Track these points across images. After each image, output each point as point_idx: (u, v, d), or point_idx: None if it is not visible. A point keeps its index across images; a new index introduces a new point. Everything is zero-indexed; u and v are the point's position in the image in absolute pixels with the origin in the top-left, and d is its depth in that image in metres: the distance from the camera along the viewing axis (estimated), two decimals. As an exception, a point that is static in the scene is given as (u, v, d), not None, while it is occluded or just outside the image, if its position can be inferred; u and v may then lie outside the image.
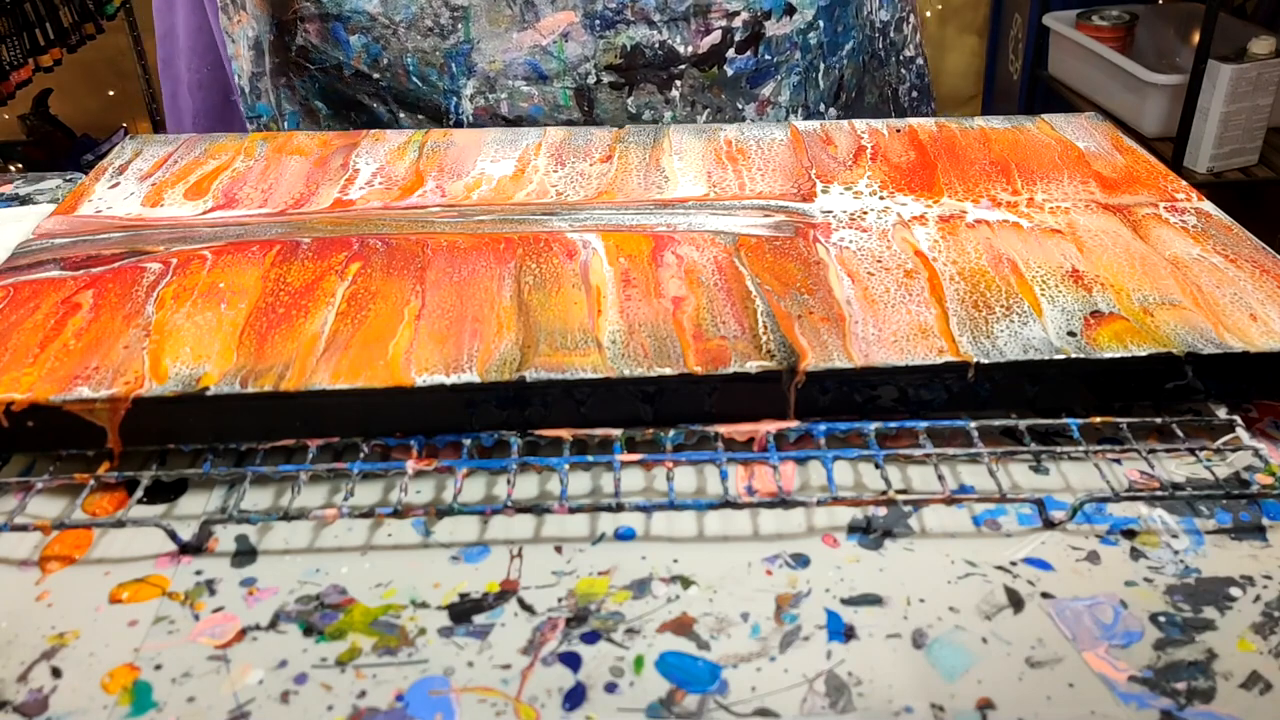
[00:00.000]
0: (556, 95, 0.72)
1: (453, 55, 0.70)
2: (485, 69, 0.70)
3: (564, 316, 0.48)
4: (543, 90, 0.71)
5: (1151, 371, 0.46)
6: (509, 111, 0.72)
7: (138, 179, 0.62)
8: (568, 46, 0.69)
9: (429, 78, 0.71)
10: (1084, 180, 0.62)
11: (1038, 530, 0.42)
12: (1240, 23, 1.87)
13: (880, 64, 0.84)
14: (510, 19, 0.69)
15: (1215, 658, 0.37)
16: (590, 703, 0.35)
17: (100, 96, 2.57)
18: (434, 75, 0.71)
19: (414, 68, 0.70)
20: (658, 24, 0.70)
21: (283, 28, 0.73)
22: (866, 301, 0.49)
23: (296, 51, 0.74)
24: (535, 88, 0.71)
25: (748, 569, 0.41)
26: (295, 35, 0.73)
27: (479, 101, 0.72)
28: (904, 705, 0.35)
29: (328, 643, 0.37)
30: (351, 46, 0.71)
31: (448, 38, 0.69)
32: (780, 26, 0.73)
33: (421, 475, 0.45)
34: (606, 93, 0.72)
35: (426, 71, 0.70)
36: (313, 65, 0.74)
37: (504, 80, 0.71)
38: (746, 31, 0.72)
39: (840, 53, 0.78)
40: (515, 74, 0.70)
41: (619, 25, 0.69)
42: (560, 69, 0.70)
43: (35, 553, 0.42)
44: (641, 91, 0.72)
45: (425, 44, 0.70)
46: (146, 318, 0.48)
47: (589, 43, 0.70)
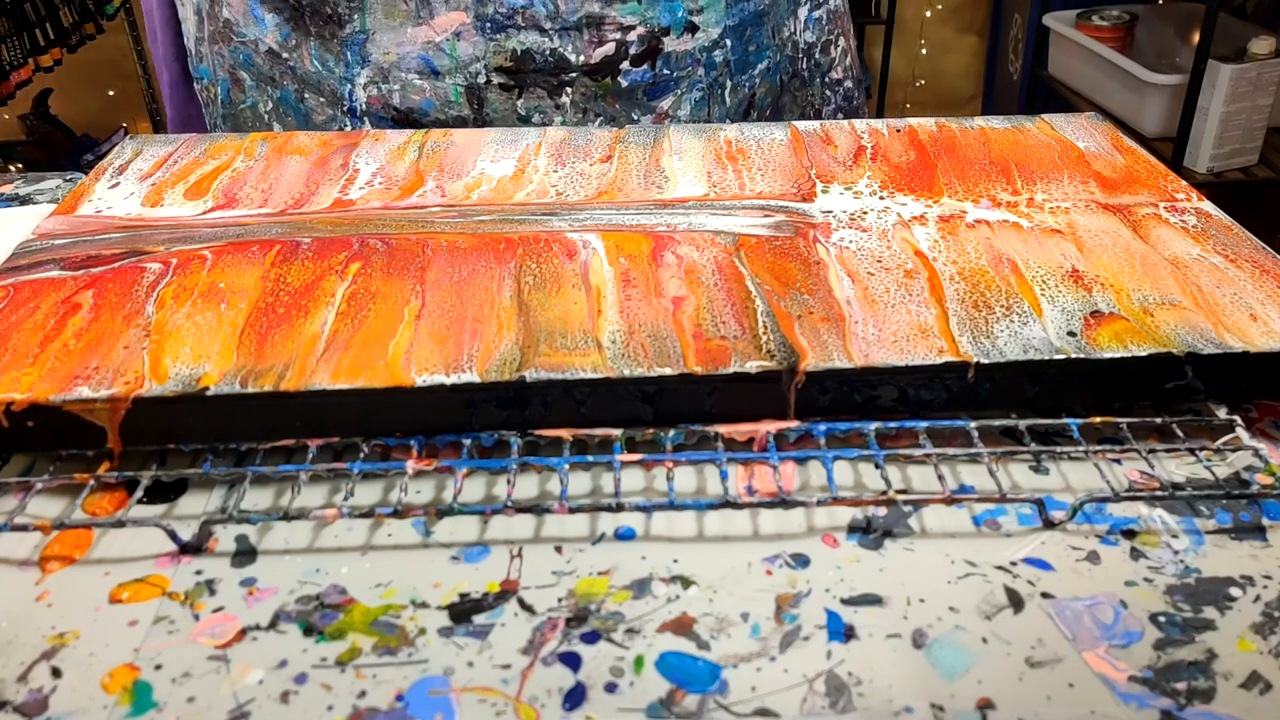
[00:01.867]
0: (448, 91, 0.73)
1: (348, 43, 0.71)
2: (380, 59, 0.71)
3: (564, 316, 0.48)
4: (434, 85, 0.72)
5: (1151, 371, 0.46)
6: (400, 103, 0.74)
7: (138, 179, 0.62)
8: (460, 45, 0.70)
9: (328, 63, 0.73)
10: (1084, 180, 0.62)
11: (1038, 530, 0.42)
12: (1240, 23, 1.87)
13: (803, 84, 0.85)
14: (406, 14, 0.70)
15: (1215, 658, 0.37)
16: (590, 703, 0.35)
17: (100, 96, 2.57)
18: (332, 61, 0.73)
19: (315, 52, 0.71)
20: (549, 31, 0.71)
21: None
22: (866, 301, 0.49)
23: (223, 22, 0.76)
24: (427, 82, 0.72)
25: (748, 569, 0.41)
26: (222, 6, 0.76)
27: (371, 90, 0.73)
28: (904, 705, 0.35)
29: (328, 643, 0.37)
30: (266, 24, 0.73)
31: (344, 26, 0.71)
32: (681, 43, 0.74)
33: (421, 475, 0.45)
34: (496, 93, 0.73)
35: (325, 57, 0.72)
36: (236, 37, 0.76)
37: (397, 72, 0.72)
38: (642, 45, 0.73)
39: (751, 72, 0.79)
40: (409, 67, 0.71)
41: (509, 29, 0.71)
42: (452, 66, 0.71)
43: (35, 553, 0.42)
44: (531, 95, 0.73)
45: (325, 30, 0.71)
46: (146, 318, 0.48)
47: (480, 43, 0.71)
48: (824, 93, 0.87)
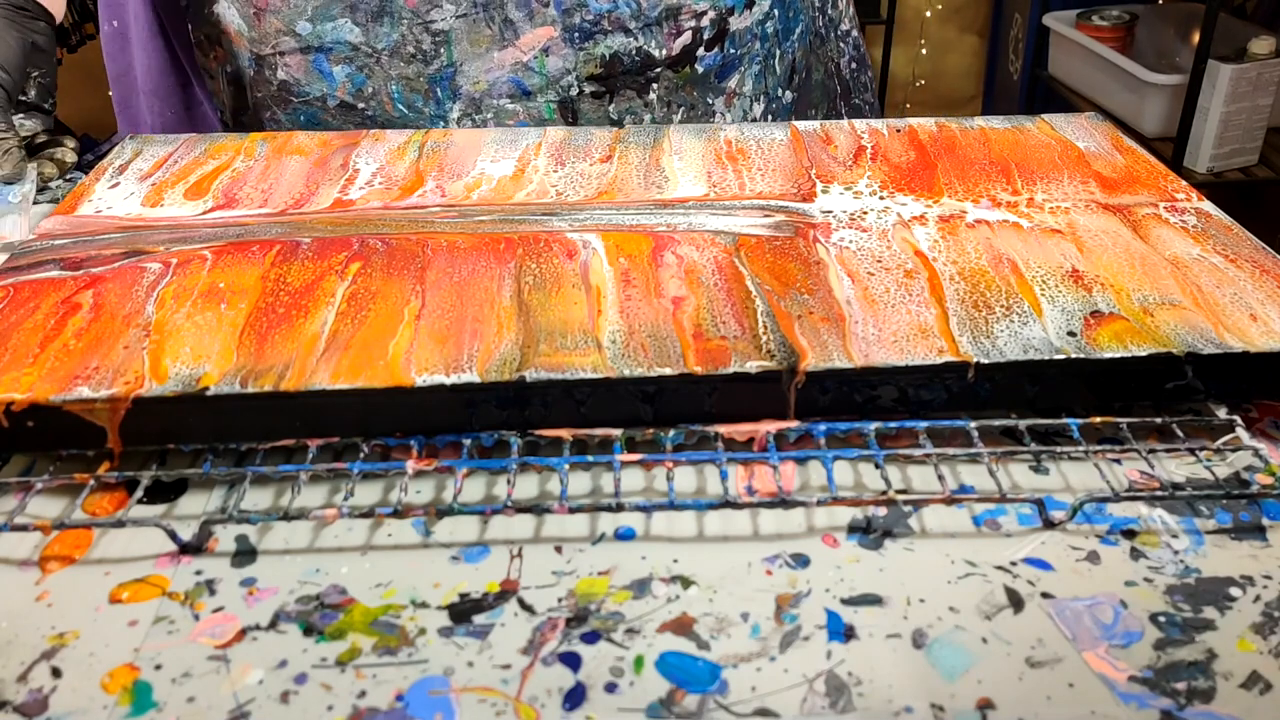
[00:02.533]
0: (541, 109, 0.72)
1: (437, 80, 0.70)
2: (470, 90, 0.70)
3: (564, 316, 0.48)
4: (527, 106, 0.72)
5: (1151, 371, 0.46)
6: None
7: (138, 179, 0.62)
8: (549, 61, 0.70)
9: (415, 104, 0.72)
10: (1084, 180, 0.62)
11: (1038, 530, 0.42)
12: (1240, 23, 1.87)
13: (822, 41, 0.86)
14: (490, 38, 0.70)
15: (1215, 658, 0.37)
16: (590, 703, 0.35)
17: (100, 96, 2.57)
18: (419, 101, 0.72)
19: (399, 95, 0.70)
20: (633, 31, 0.71)
21: (262, 62, 0.73)
22: (866, 301, 0.49)
23: (279, 86, 0.74)
24: (520, 104, 0.72)
25: (748, 569, 0.41)
26: (276, 70, 0.73)
27: (466, 124, 0.73)
28: (904, 705, 0.35)
29: (328, 643, 0.37)
30: (335, 78, 0.72)
31: (431, 63, 0.70)
32: (742, 20, 0.74)
33: (421, 475, 0.45)
34: (589, 102, 0.73)
35: (412, 98, 0.71)
36: (296, 99, 0.74)
37: (489, 100, 0.71)
38: (714, 29, 0.73)
39: (792, 37, 0.80)
40: (500, 93, 0.71)
41: (597, 35, 0.70)
42: (543, 83, 0.70)
43: (35, 553, 0.42)
44: (621, 98, 0.73)
45: (409, 71, 0.70)
46: (146, 318, 0.48)
47: (569, 55, 0.71)
48: (839, 45, 0.88)
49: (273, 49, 0.72)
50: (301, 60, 0.72)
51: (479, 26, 0.69)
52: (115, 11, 0.84)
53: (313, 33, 0.70)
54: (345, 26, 0.69)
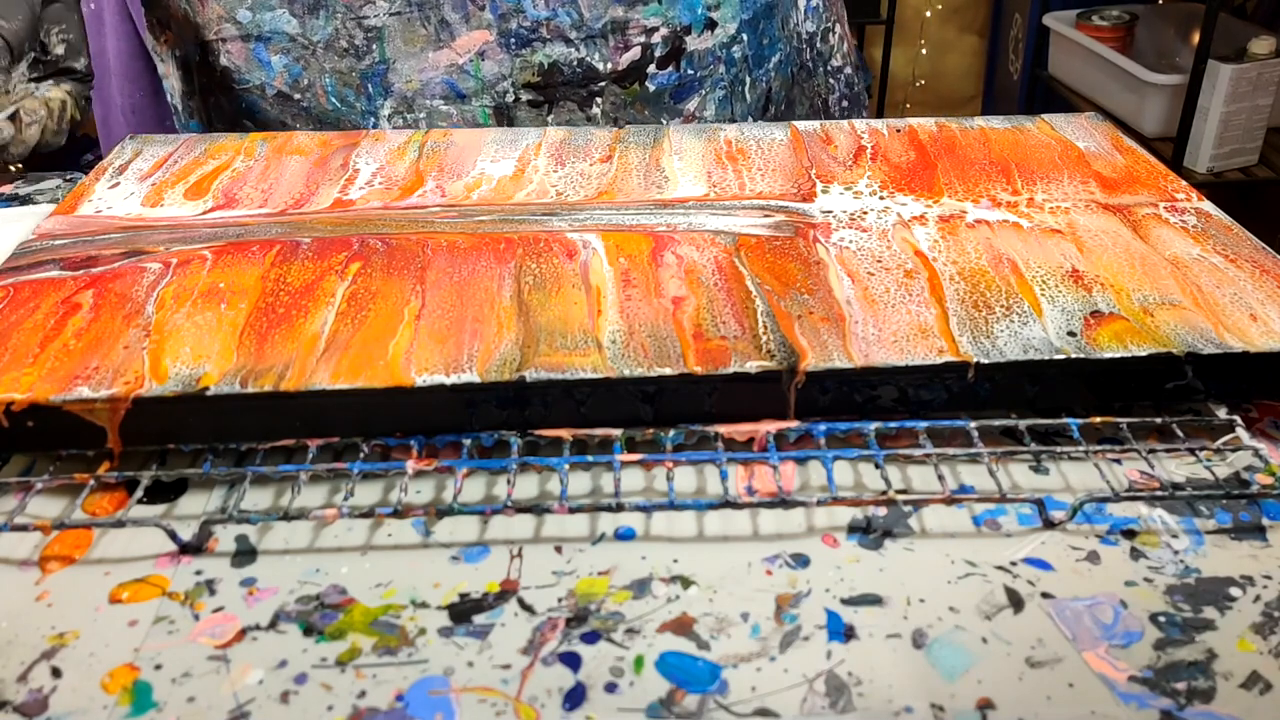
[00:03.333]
0: (476, 114, 0.72)
1: (369, 76, 0.70)
2: (402, 89, 0.70)
3: (564, 316, 0.48)
4: (461, 109, 0.71)
5: (1151, 371, 0.46)
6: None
7: (138, 179, 0.62)
8: (484, 65, 0.69)
9: (347, 98, 0.71)
10: (1084, 180, 0.62)
11: (1038, 530, 0.42)
12: (1240, 23, 1.87)
13: (809, 75, 0.85)
14: (425, 38, 0.69)
15: (1215, 658, 0.37)
16: (590, 703, 0.35)
17: (100, 96, 2.57)
18: (351, 96, 0.71)
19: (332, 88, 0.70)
20: (574, 41, 0.70)
21: (206, 48, 0.74)
22: (866, 301, 0.49)
23: (221, 72, 0.74)
24: (454, 107, 0.71)
25: (748, 569, 0.41)
26: (219, 56, 0.73)
27: (397, 121, 0.72)
28: (904, 705, 0.35)
29: (328, 643, 0.37)
30: (273, 67, 0.72)
31: (363, 58, 0.69)
32: (701, 41, 0.73)
33: (421, 475, 0.45)
34: (526, 111, 0.72)
35: (344, 92, 0.71)
36: (237, 85, 0.74)
37: (421, 100, 0.71)
38: (666, 47, 0.72)
39: (767, 65, 0.79)
40: (433, 93, 0.70)
41: (535, 44, 0.70)
42: (478, 87, 0.70)
43: (35, 553, 0.42)
44: (562, 109, 0.72)
45: (342, 65, 0.70)
46: (146, 318, 0.48)
47: (505, 61, 0.70)
48: (828, 81, 0.87)
49: (215, 35, 0.72)
50: (242, 48, 0.72)
51: (414, 25, 0.69)
52: None
53: (252, 21, 0.70)
54: (283, 17, 0.70)
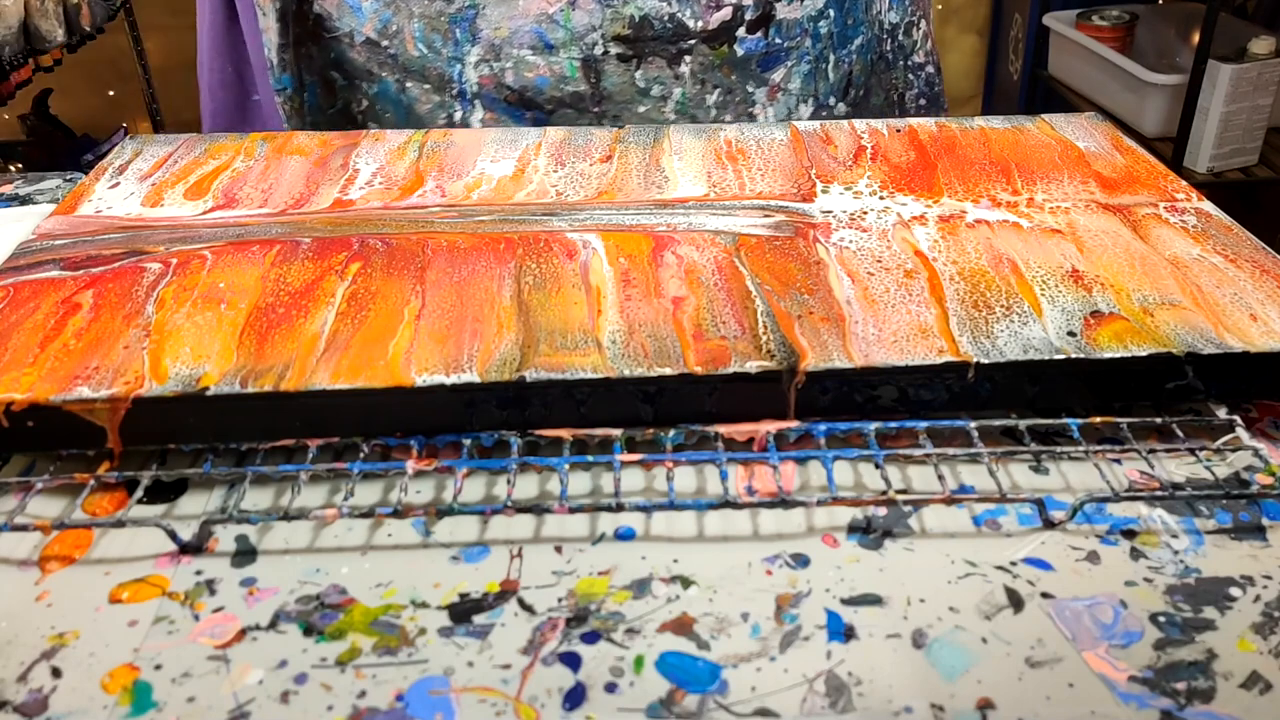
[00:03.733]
0: (563, 66, 0.70)
1: (457, 20, 0.69)
2: (490, 36, 0.69)
3: (564, 316, 0.48)
4: (549, 60, 0.70)
5: (1151, 371, 0.46)
6: (514, 81, 0.71)
7: (138, 179, 0.62)
8: (575, 15, 0.68)
9: (434, 44, 0.70)
10: (1084, 180, 0.62)
11: (1038, 530, 0.42)
12: (1240, 23, 1.87)
13: (887, 66, 0.84)
14: None
15: (1215, 658, 0.37)
16: (590, 703, 0.35)
17: (100, 96, 2.57)
18: (439, 41, 0.70)
19: (420, 34, 0.69)
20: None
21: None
22: (866, 301, 0.49)
23: (314, 20, 0.74)
24: (541, 58, 0.70)
25: (748, 569, 0.41)
26: (313, 3, 0.74)
27: (483, 70, 0.71)
28: (904, 705, 0.35)
29: (328, 643, 0.37)
30: (363, 13, 0.71)
31: (453, 2, 0.69)
32: (791, 10, 0.73)
33: (421, 475, 0.45)
34: (614, 65, 0.70)
35: (432, 38, 0.70)
36: (327, 33, 0.74)
37: (509, 49, 0.70)
38: (757, 11, 0.71)
39: (850, 46, 0.78)
40: (521, 42, 0.69)
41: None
42: (567, 38, 0.69)
43: (35, 553, 0.42)
44: (650, 65, 0.71)
45: (431, 9, 0.69)
46: (146, 318, 0.48)
47: (596, 11, 0.69)
48: (907, 76, 0.86)
49: None
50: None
51: None
52: None
53: None
54: None
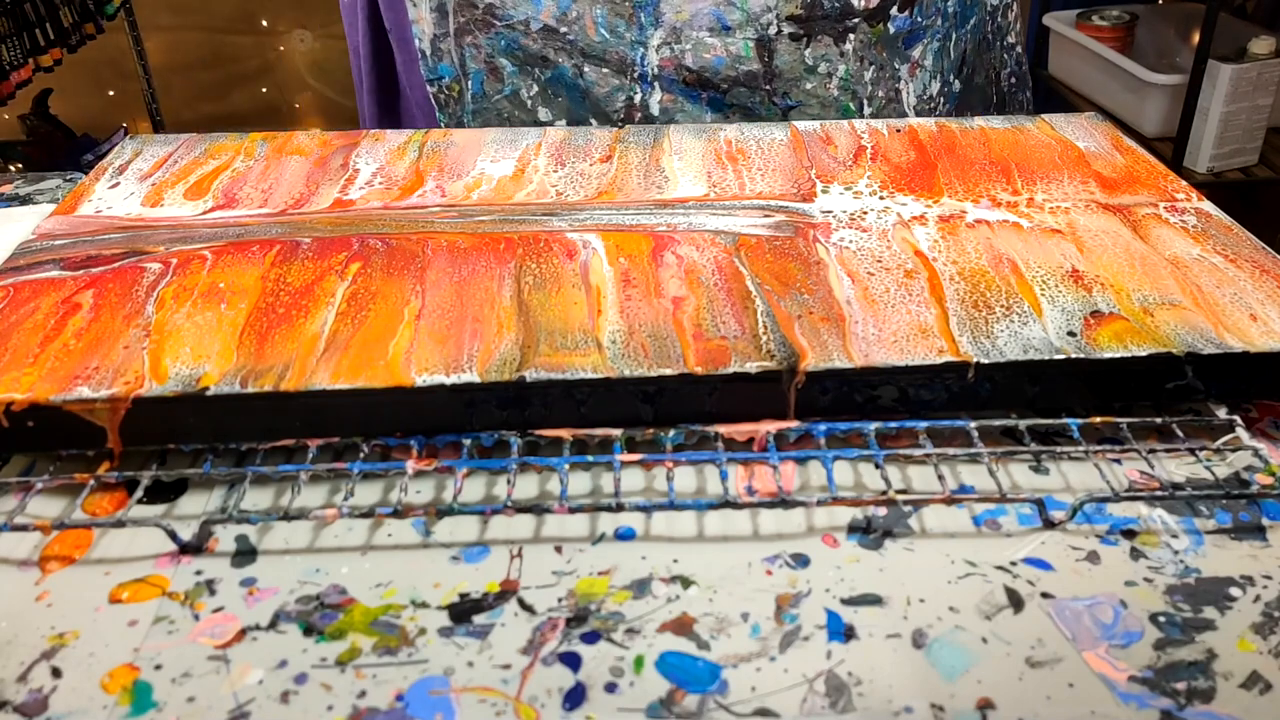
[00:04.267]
0: (739, 46, 0.72)
1: (641, 5, 0.70)
2: (672, 19, 0.70)
3: (564, 316, 0.48)
4: (725, 41, 0.72)
5: (1151, 371, 0.46)
6: (693, 63, 0.73)
7: (138, 179, 0.62)
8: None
9: (617, 29, 0.71)
10: (1084, 180, 0.62)
11: (1038, 530, 0.42)
12: (1240, 23, 1.87)
13: (988, 46, 0.86)
14: None
15: (1215, 658, 0.37)
16: (590, 703, 0.35)
17: (100, 96, 2.57)
18: (622, 26, 0.71)
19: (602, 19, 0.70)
20: None
21: None
22: (866, 301, 0.49)
23: (484, 9, 0.74)
24: (718, 39, 0.72)
25: (748, 569, 0.41)
26: None
27: (664, 53, 0.72)
28: (904, 705, 0.35)
29: (328, 643, 0.37)
30: (540, 1, 0.71)
31: None
32: None
33: (421, 475, 0.45)
34: (786, 44, 0.72)
35: (615, 23, 0.71)
36: (499, 22, 0.74)
37: (689, 31, 0.71)
38: None
39: (967, 26, 0.80)
40: (700, 25, 0.71)
41: None
42: (743, 19, 0.70)
43: (35, 553, 0.42)
44: (818, 44, 0.73)
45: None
46: (146, 318, 0.48)
47: None
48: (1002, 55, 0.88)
49: None
50: None
51: None
52: None
53: None
54: None
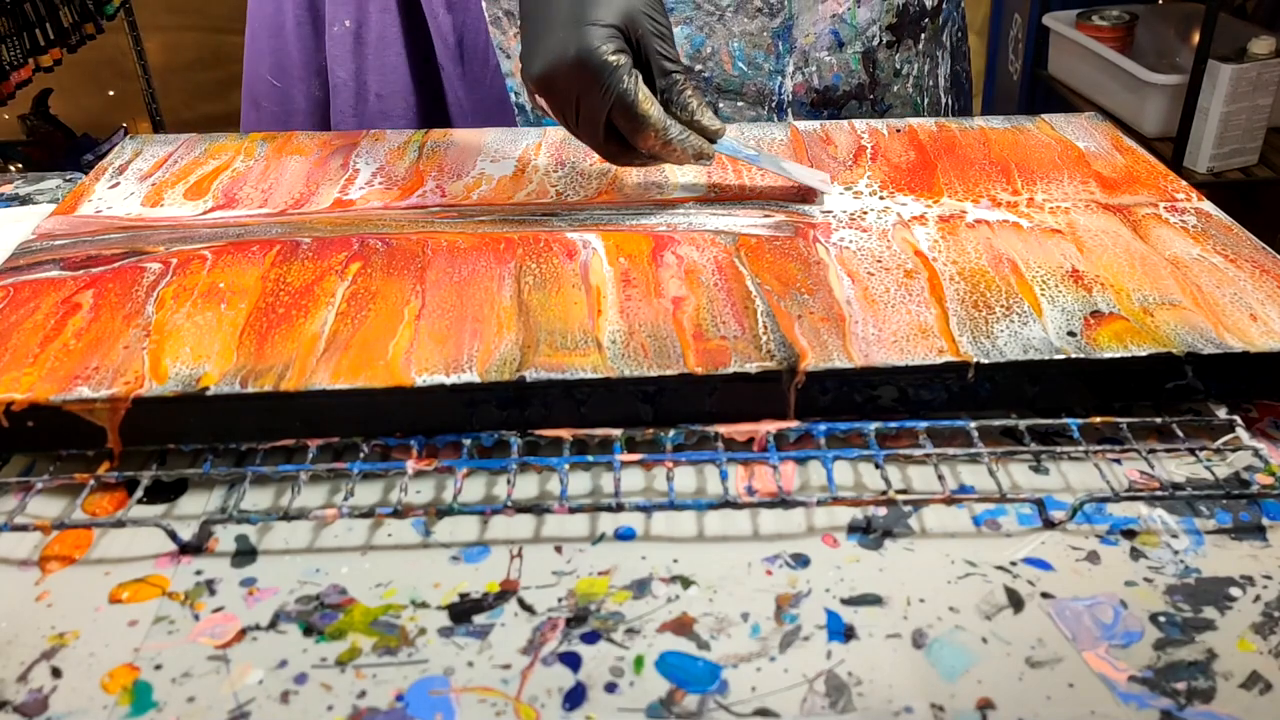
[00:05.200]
0: (849, 61, 0.72)
1: (778, 34, 0.70)
2: (802, 44, 0.70)
3: (564, 316, 0.48)
4: (839, 58, 0.72)
5: (1151, 371, 0.46)
6: (819, 84, 0.73)
7: (138, 179, 0.62)
8: (859, 11, 0.71)
9: (755, 60, 0.70)
10: (1084, 180, 0.62)
11: (1038, 530, 0.42)
12: (1240, 23, 1.87)
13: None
14: None
15: (1215, 658, 0.37)
16: (590, 703, 0.35)
17: (100, 96, 2.57)
18: (761, 58, 0.70)
19: (740, 53, 0.69)
20: None
21: None
22: (866, 301, 0.49)
23: None
24: (834, 56, 0.72)
25: (748, 569, 0.41)
26: None
27: (797, 79, 0.72)
28: (904, 705, 0.35)
29: (328, 643, 0.37)
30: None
31: (775, 16, 0.69)
32: None
33: (421, 475, 0.45)
34: (884, 52, 0.73)
35: (754, 55, 0.70)
36: None
37: (814, 53, 0.71)
38: None
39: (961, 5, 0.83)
40: (822, 45, 0.71)
41: None
42: (853, 34, 0.71)
43: (35, 553, 0.42)
44: (903, 48, 0.74)
45: (753, 26, 0.69)
46: (146, 318, 0.48)
47: (876, 5, 0.72)
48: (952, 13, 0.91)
49: None
50: None
51: None
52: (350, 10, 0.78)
53: None
54: None
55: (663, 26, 0.53)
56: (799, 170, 0.59)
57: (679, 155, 0.54)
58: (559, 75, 0.52)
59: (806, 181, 0.58)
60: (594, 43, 0.51)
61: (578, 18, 0.51)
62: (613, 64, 0.51)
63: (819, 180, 0.59)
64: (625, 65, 0.51)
